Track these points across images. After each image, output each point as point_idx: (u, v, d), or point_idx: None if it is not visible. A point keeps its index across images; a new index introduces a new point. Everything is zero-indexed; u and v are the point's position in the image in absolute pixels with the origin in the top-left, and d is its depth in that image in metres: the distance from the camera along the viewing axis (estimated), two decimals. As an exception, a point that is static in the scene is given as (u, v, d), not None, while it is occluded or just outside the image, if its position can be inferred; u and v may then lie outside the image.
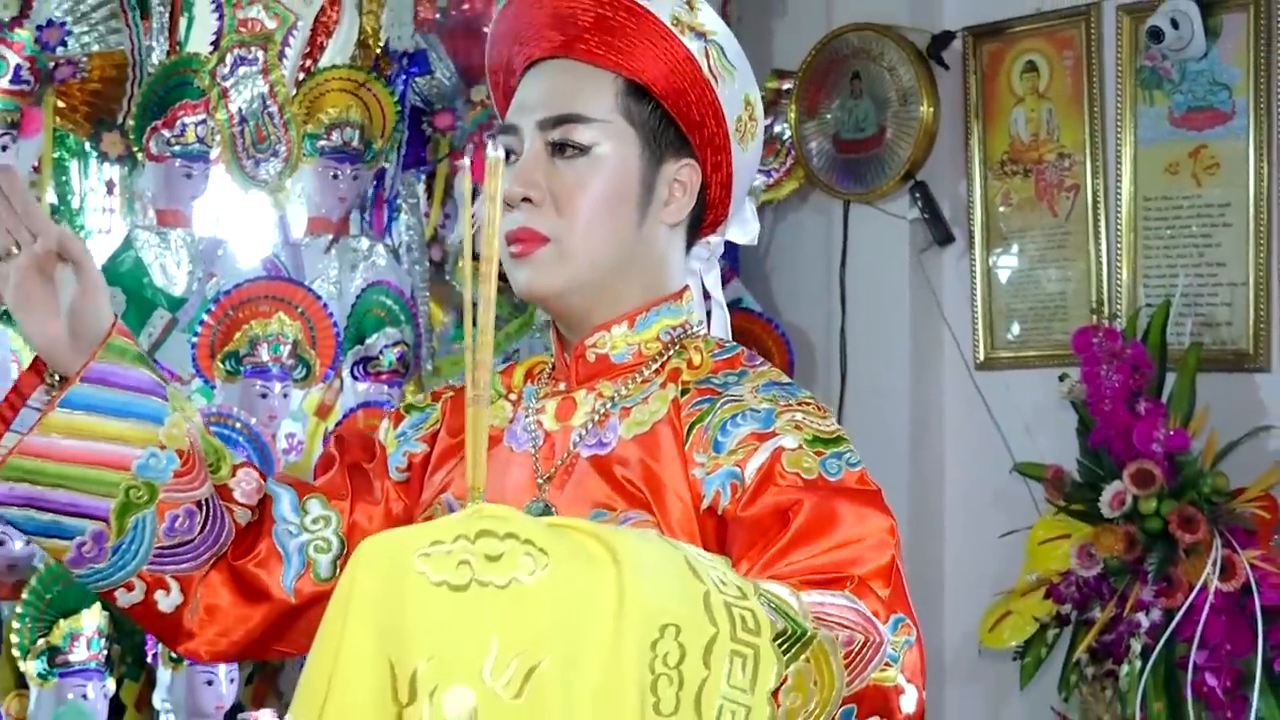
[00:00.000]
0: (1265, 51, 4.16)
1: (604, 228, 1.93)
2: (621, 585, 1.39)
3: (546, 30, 1.96)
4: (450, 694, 1.33)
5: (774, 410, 1.85)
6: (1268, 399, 4.14)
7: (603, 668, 1.37)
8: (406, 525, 1.68)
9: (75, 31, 3.83)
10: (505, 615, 1.34)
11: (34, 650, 3.34)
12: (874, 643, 1.62)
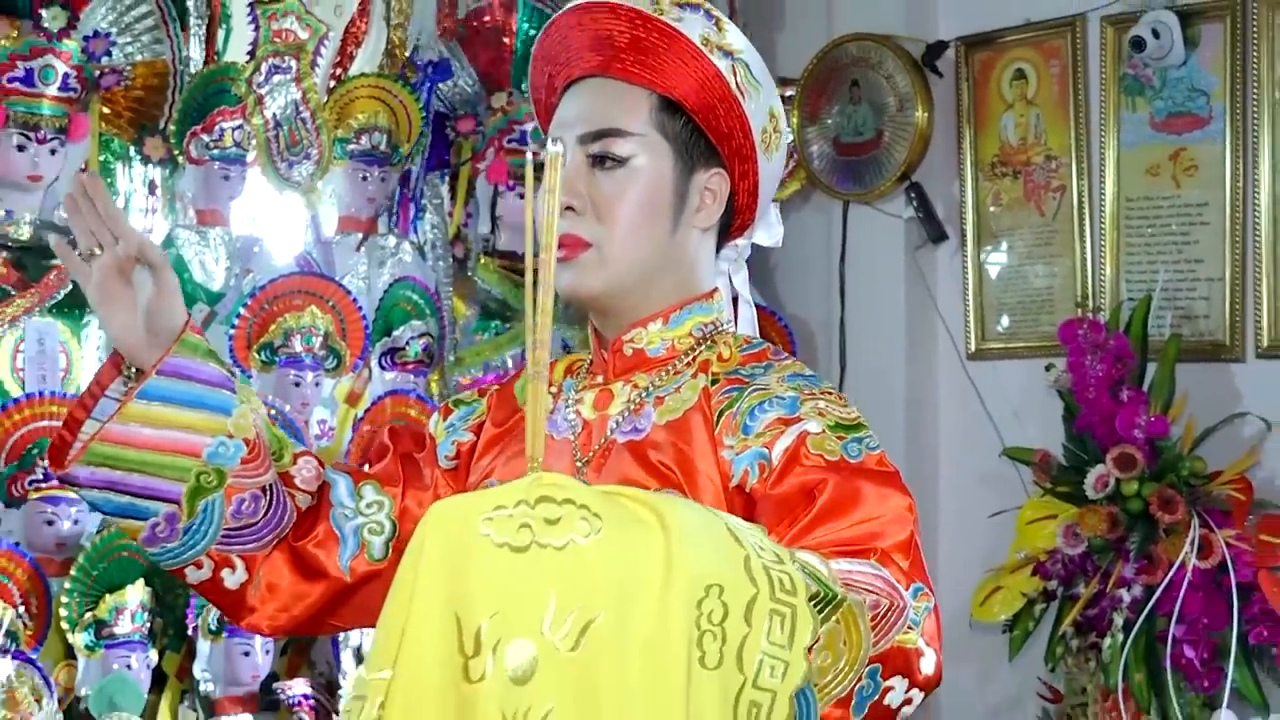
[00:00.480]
0: (1241, 60, 4.15)
1: (641, 233, 1.98)
2: (669, 548, 1.42)
3: (585, 51, 2.00)
4: (512, 646, 1.37)
5: (799, 398, 1.89)
6: (1243, 387, 4.13)
7: (652, 624, 1.40)
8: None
9: (120, 42, 3.83)
10: (562, 575, 1.39)
11: (81, 623, 3.35)
12: (898, 607, 1.65)
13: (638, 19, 1.96)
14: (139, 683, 3.40)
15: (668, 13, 1.97)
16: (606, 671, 1.39)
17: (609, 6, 1.97)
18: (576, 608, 1.39)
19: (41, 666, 3.22)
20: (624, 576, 1.42)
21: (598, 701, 1.40)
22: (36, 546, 3.37)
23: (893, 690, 1.65)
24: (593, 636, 1.39)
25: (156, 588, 3.45)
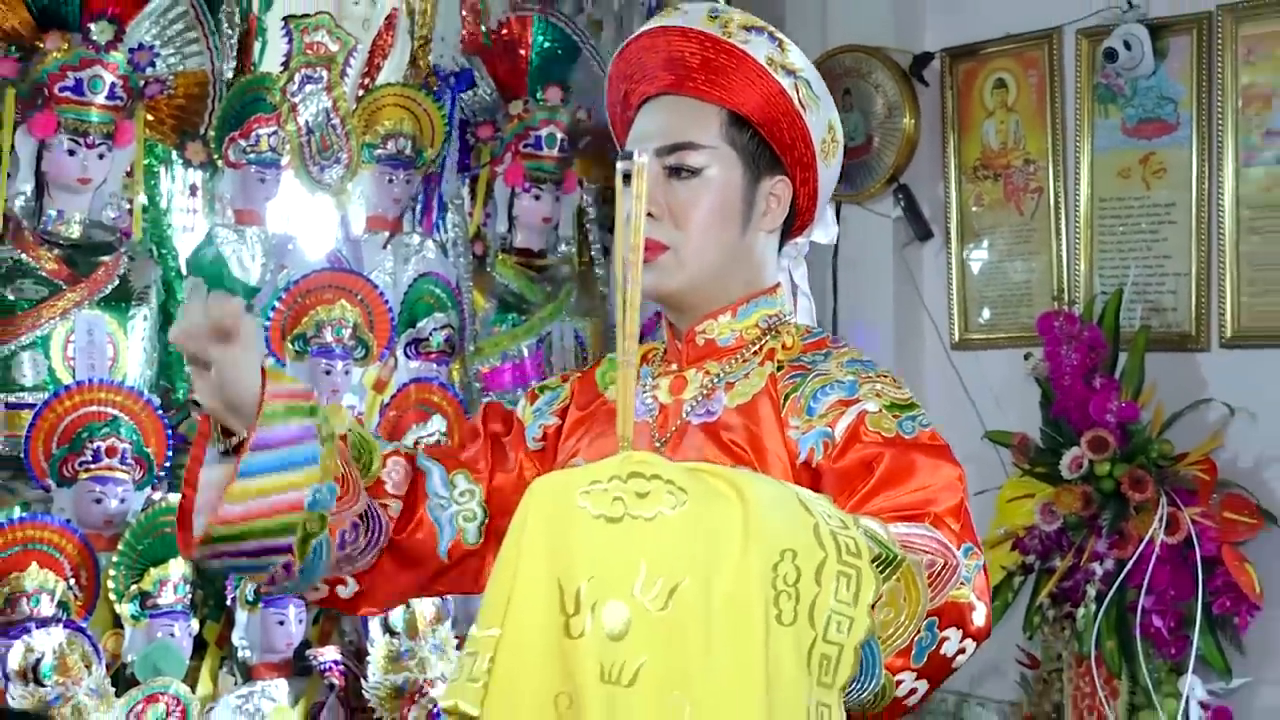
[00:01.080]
0: (1206, 70, 4.15)
1: (713, 237, 2.04)
2: (747, 518, 1.50)
3: (660, 71, 2.06)
4: (608, 607, 1.45)
5: (857, 381, 1.95)
6: (1207, 375, 4.14)
7: (733, 586, 1.48)
8: (519, 486, 1.94)
9: (163, 54, 3.83)
10: (652, 543, 1.47)
11: (128, 594, 3.34)
12: (951, 566, 1.72)
13: (708, 42, 2.01)
14: (181, 650, 3.40)
15: (735, 35, 2.02)
16: (692, 630, 1.46)
17: (681, 31, 2.02)
18: (665, 573, 1.46)
19: (91, 635, 3.22)
20: (707, 544, 1.49)
21: (685, 656, 1.46)
22: (86, 523, 3.36)
23: (948, 640, 1.71)
24: (680, 598, 1.45)
25: (197, 563, 3.44)
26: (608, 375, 2.20)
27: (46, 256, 3.66)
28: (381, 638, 3.54)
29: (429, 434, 3.89)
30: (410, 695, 3.51)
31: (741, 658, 1.47)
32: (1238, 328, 4.10)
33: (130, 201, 3.80)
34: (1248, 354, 4.10)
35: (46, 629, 3.14)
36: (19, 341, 3.59)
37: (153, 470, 3.50)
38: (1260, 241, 4.07)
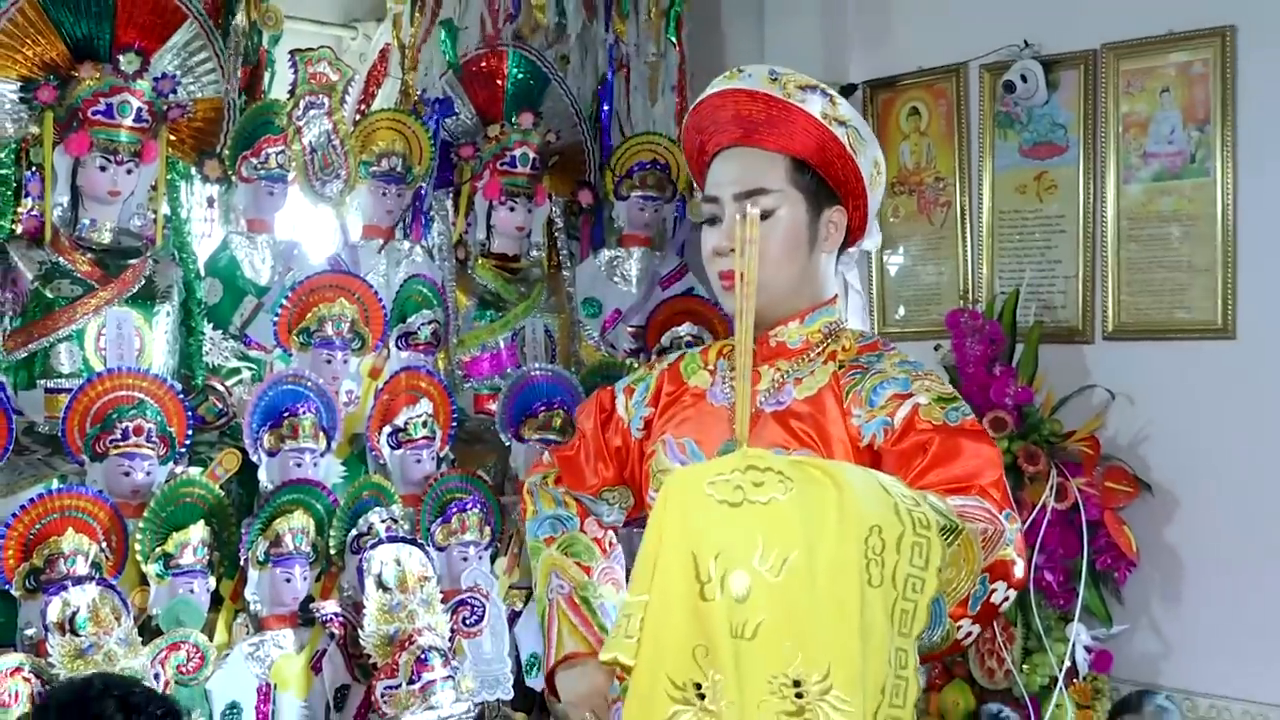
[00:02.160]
0: (1092, 100, 4.18)
1: (784, 265, 2.16)
2: (841, 500, 1.66)
3: (730, 126, 2.18)
4: (734, 576, 1.62)
5: (909, 379, 2.10)
6: (1091, 365, 4.16)
7: (832, 555, 1.64)
8: (641, 463, 2.34)
9: (184, 82, 3.82)
10: (767, 523, 1.64)
11: (153, 556, 3.33)
12: (998, 530, 1.87)
13: (772, 101, 2.13)
14: (200, 604, 3.39)
15: (794, 96, 2.14)
16: (801, 593, 1.63)
17: (748, 93, 2.15)
18: (778, 546, 1.62)
19: (120, 591, 3.20)
20: (811, 523, 1.64)
21: (795, 614, 1.62)
22: (115, 493, 3.35)
23: (996, 591, 1.88)
24: (790, 568, 1.62)
25: (214, 527, 3.44)
26: (689, 367, 2.32)
27: (81, 260, 3.65)
28: (376, 593, 3.53)
29: (417, 414, 3.88)
30: (401, 643, 3.51)
31: (841, 614, 1.62)
32: (1118, 323, 4.13)
33: (155, 212, 3.80)
34: (1126, 346, 4.12)
35: (81, 586, 3.12)
36: (57, 334, 3.59)
37: (174, 447, 3.49)
38: (1138, 248, 4.10)
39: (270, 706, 3.45)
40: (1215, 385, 3.95)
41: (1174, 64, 4.02)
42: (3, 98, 3.64)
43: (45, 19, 3.64)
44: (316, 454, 3.65)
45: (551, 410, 4.11)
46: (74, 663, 3.02)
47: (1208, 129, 3.96)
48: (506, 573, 4.02)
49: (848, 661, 1.61)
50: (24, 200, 3.65)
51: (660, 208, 4.71)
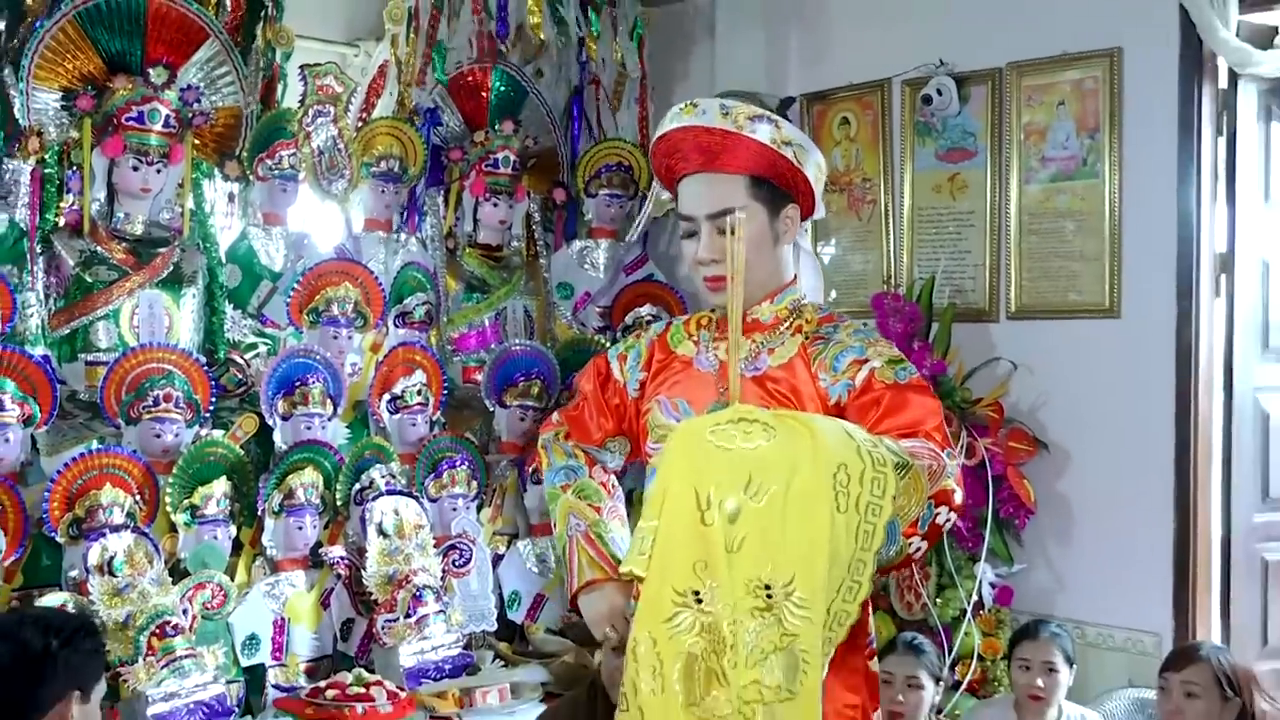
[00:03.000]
0: (998, 111, 4.19)
1: (756, 261, 2.19)
2: (814, 445, 1.84)
3: (694, 155, 2.23)
4: (726, 502, 1.81)
5: (864, 346, 2.19)
6: (996, 340, 4.18)
7: (805, 487, 1.82)
8: (638, 419, 2.40)
9: (206, 93, 3.82)
10: (753, 463, 1.82)
11: (181, 507, 3.32)
12: (942, 466, 1.99)
13: (727, 134, 2.19)
14: (222, 549, 3.38)
15: (745, 127, 2.19)
16: (777, 517, 1.81)
17: (705, 129, 2.20)
18: (761, 480, 1.81)
19: (152, 538, 3.19)
20: (789, 462, 1.82)
21: (771, 534, 1.80)
22: (148, 452, 3.33)
23: (940, 514, 2.00)
24: (771, 496, 1.80)
25: (235, 482, 3.42)
26: (675, 338, 2.38)
27: (117, 248, 3.64)
28: (377, 539, 3.52)
29: (413, 384, 3.87)
30: (399, 582, 3.50)
31: (807, 534, 1.80)
32: (1019, 304, 4.15)
33: (181, 206, 3.79)
34: (1026, 324, 4.14)
35: (118, 533, 3.11)
36: (95, 314, 3.59)
37: (200, 412, 3.48)
38: (1036, 240, 4.12)
39: (284, 637, 3.44)
40: (1102, 358, 3.97)
41: (1069, 80, 4.03)
42: (47, 106, 3.62)
43: (84, 36, 3.63)
44: (324, 418, 3.64)
45: (530, 380, 4.11)
46: (112, 600, 3.01)
47: (1097, 136, 3.97)
48: (490, 521, 4.03)
49: (810, 572, 1.80)
50: (66, 196, 3.64)
51: (625, 204, 4.72)
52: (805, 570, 1.79)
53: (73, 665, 2.14)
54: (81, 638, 2.17)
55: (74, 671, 2.15)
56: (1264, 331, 3.89)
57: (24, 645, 2.11)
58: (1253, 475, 3.87)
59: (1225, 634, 3.79)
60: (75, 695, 2.16)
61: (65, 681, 2.13)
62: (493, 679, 3.56)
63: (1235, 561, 3.83)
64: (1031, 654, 3.51)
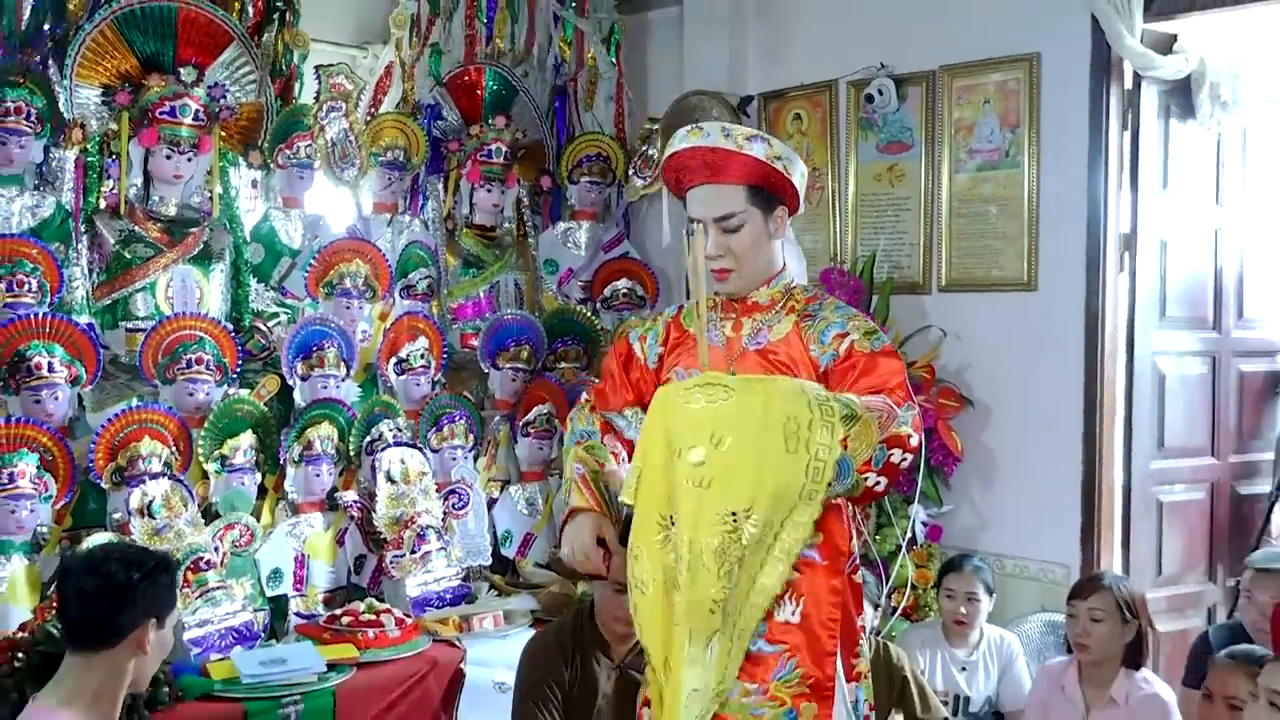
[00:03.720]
0: (931, 109, 4.19)
1: (752, 258, 2.30)
2: (767, 400, 1.98)
3: (701, 170, 2.30)
4: (692, 451, 1.97)
5: (845, 321, 2.26)
6: (928, 310, 4.19)
7: (758, 436, 1.95)
8: (655, 388, 2.36)
9: (231, 90, 3.79)
10: (716, 418, 1.97)
11: (212, 457, 3.31)
12: (893, 416, 2.06)
13: (729, 153, 2.27)
14: (249, 494, 3.38)
15: (744, 146, 2.26)
16: (736, 460, 1.95)
17: (709, 149, 2.29)
18: (723, 432, 1.94)
19: (187, 484, 3.19)
20: (745, 415, 1.96)
21: (733, 474, 1.94)
22: (183, 409, 3.33)
23: (894, 455, 2.06)
24: (731, 444, 1.95)
25: (260, 435, 3.42)
26: (687, 318, 2.42)
27: (153, 228, 3.62)
28: (385, 485, 3.53)
29: (416, 349, 3.87)
30: (405, 522, 3.51)
31: (763, 470, 1.94)
32: (949, 279, 4.16)
33: (210, 191, 3.77)
34: (955, 296, 4.15)
35: (156, 480, 3.11)
36: (134, 286, 3.58)
37: (228, 374, 3.48)
38: (964, 223, 4.12)
39: (305, 571, 3.45)
40: (1020, 325, 3.97)
41: (993, 82, 4.03)
42: (88, 101, 3.59)
43: (121, 39, 3.60)
44: (338, 379, 3.64)
45: (520, 345, 4.11)
46: (151, 540, 3.01)
47: (1018, 131, 3.97)
48: (485, 469, 4.03)
49: (763, 499, 1.95)
50: (106, 181, 3.62)
51: (604, 190, 4.71)
52: (760, 498, 1.95)
53: (149, 596, 2.15)
54: (159, 572, 2.18)
55: (151, 601, 2.15)
56: (1161, 303, 3.92)
57: (108, 577, 2.12)
58: (1150, 428, 3.90)
59: (1125, 565, 3.83)
60: (151, 622, 2.17)
61: (143, 610, 2.14)
62: (488, 607, 3.59)
63: (1134, 502, 3.87)
64: (957, 584, 3.55)
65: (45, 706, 2.11)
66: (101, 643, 2.13)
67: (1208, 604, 4.05)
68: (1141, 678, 3.06)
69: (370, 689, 3.06)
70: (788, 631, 2.05)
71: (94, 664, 2.13)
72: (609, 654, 2.89)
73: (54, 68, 3.53)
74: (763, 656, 2.06)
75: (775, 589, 2.01)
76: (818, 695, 2.07)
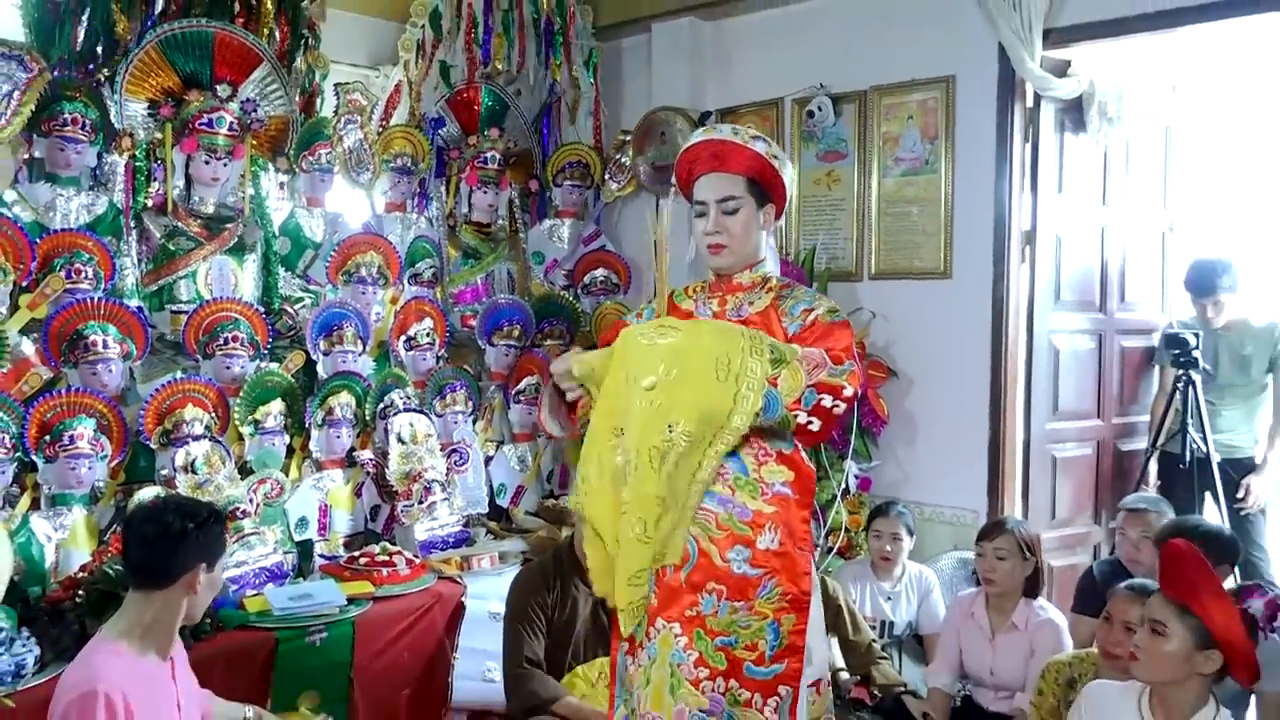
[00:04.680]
0: (863, 123, 4.18)
1: (742, 240, 2.26)
2: (707, 340, 2.02)
3: (709, 160, 2.27)
4: (645, 379, 1.98)
5: (812, 300, 2.23)
6: (861, 295, 4.20)
7: (698, 367, 1.99)
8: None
9: (261, 105, 3.72)
10: (665, 353, 1.99)
11: (246, 421, 3.28)
12: (822, 365, 2.04)
13: (735, 146, 2.26)
14: (279, 453, 3.34)
15: (748, 142, 2.25)
16: (677, 386, 1.97)
17: (720, 141, 2.26)
18: (669, 364, 1.98)
19: (225, 444, 3.15)
20: (688, 350, 1.99)
21: (675, 396, 1.97)
22: (221, 380, 3.28)
23: (824, 399, 2.03)
24: (674, 374, 1.98)
25: (288, 403, 3.38)
26: (679, 297, 2.39)
27: (193, 224, 3.56)
28: (396, 445, 3.50)
29: (423, 328, 3.83)
30: (413, 477, 3.49)
31: (696, 395, 1.98)
32: (878, 269, 4.16)
33: (244, 192, 3.71)
34: (883, 283, 4.16)
35: (198, 442, 3.07)
36: (177, 274, 3.52)
37: (260, 350, 3.43)
38: (891, 221, 4.13)
39: (327, 519, 3.42)
40: (938, 308, 3.99)
41: (915, 100, 4.02)
42: (136, 113, 3.52)
43: (164, 59, 3.52)
44: (355, 354, 3.60)
45: (512, 325, 4.08)
46: (194, 492, 2.97)
47: (936, 142, 3.97)
48: (483, 431, 4.01)
49: (693, 417, 1.98)
50: (152, 184, 3.55)
51: (583, 192, 4.68)
52: (691, 416, 1.98)
53: (201, 544, 2.11)
54: (211, 523, 2.14)
55: (202, 549, 2.12)
56: (1056, 289, 3.94)
57: (166, 526, 2.08)
58: (1046, 394, 3.93)
59: (1025, 511, 3.86)
60: (203, 566, 2.13)
61: (195, 555, 2.10)
62: (485, 549, 3.57)
63: (1033, 457, 3.89)
64: (883, 527, 3.57)
65: (107, 638, 2.08)
66: (158, 583, 2.10)
67: (1093, 543, 4.09)
68: (1038, 606, 3.08)
69: (384, 619, 3.05)
70: (769, 558, 2.07)
71: (151, 601, 2.10)
72: (586, 581, 2.89)
73: (105, 84, 3.46)
74: (748, 579, 2.07)
75: (710, 481, 2.07)
76: (795, 607, 2.09)
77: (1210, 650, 2.07)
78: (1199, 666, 2.08)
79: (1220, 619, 2.06)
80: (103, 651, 2.05)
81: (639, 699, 2.16)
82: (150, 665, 2.09)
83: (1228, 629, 2.06)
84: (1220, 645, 2.07)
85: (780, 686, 2.09)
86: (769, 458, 2.10)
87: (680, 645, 2.08)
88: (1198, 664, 2.08)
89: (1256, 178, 5.16)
